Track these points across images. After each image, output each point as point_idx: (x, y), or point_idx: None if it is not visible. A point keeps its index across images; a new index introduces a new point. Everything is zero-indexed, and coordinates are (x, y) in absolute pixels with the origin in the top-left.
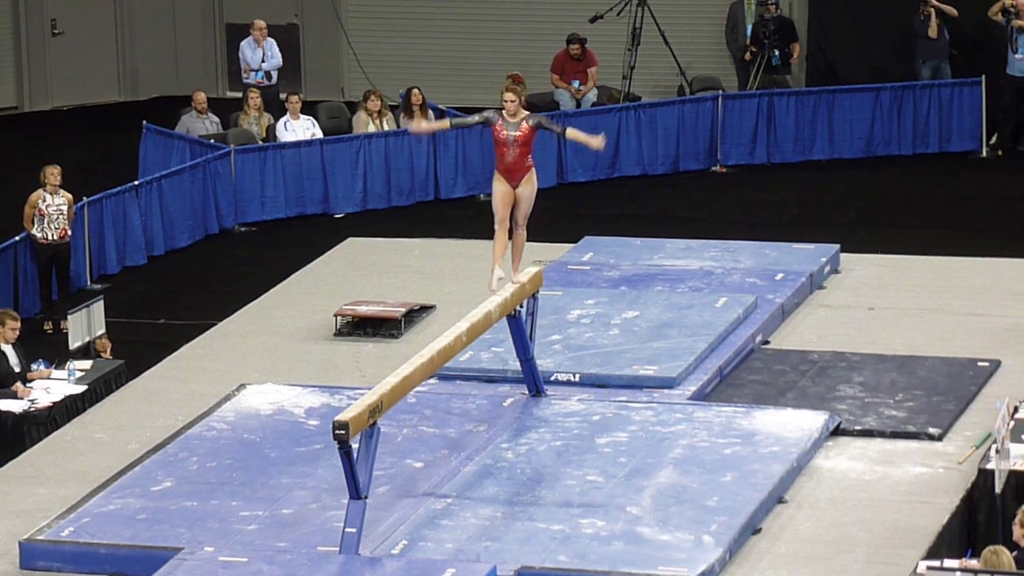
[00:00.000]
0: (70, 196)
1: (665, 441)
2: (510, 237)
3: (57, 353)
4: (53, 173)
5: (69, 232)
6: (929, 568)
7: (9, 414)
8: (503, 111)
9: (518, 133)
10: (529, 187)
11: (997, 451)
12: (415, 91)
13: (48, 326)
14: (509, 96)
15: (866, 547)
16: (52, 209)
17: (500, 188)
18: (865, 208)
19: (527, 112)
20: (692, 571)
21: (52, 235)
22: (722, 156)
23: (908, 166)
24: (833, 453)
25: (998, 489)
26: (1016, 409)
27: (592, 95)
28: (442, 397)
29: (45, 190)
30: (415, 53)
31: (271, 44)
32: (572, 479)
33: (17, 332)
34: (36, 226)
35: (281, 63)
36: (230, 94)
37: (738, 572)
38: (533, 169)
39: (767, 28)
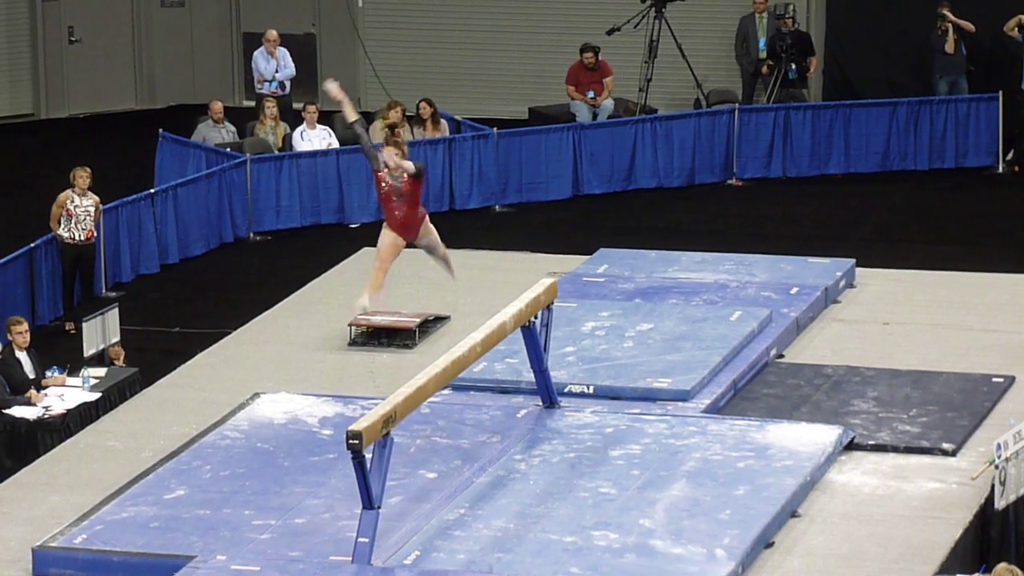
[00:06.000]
0: (97, 199)
1: (678, 454)
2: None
3: (75, 359)
4: (82, 175)
5: (95, 234)
6: None
7: (23, 421)
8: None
9: (403, 184)
10: (430, 235)
11: (996, 466)
12: (423, 103)
13: (71, 326)
14: (391, 150)
15: (879, 562)
16: (80, 210)
17: (389, 239)
18: (881, 223)
19: (408, 161)
20: None
21: (79, 235)
22: (738, 169)
23: (924, 181)
24: (847, 468)
25: (998, 505)
26: None
27: (608, 104)
28: (456, 408)
29: (74, 191)
30: (432, 63)
31: (284, 54)
32: (585, 491)
33: (27, 335)
34: (63, 226)
35: (294, 73)
36: (246, 103)
37: None
38: (427, 218)
39: (784, 42)
